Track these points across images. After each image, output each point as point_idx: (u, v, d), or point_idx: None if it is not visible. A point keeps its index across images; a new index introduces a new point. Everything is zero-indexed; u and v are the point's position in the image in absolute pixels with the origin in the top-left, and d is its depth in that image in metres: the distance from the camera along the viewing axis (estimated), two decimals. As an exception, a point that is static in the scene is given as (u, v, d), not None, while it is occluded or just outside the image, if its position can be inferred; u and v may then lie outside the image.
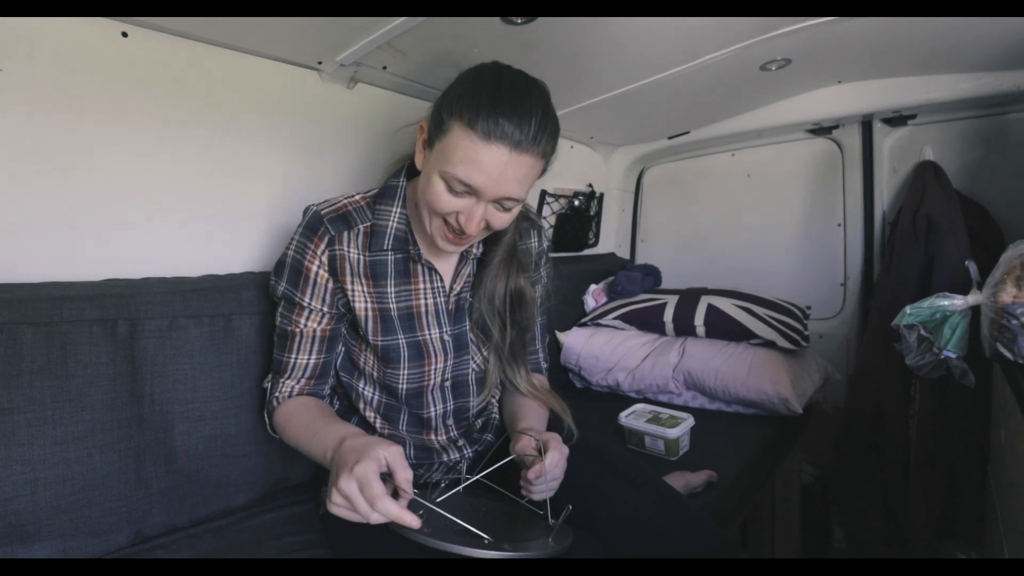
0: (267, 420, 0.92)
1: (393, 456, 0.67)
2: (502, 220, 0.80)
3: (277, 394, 0.90)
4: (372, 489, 0.63)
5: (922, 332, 0.95)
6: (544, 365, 1.09)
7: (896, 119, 1.69)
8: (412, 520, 0.63)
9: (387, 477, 0.68)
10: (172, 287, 0.96)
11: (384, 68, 1.22)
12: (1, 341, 0.77)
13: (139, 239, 1.01)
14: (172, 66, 1.00)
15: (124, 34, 0.94)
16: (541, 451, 0.81)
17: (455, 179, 0.74)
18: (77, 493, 0.83)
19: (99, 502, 0.85)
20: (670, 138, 2.05)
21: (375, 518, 0.64)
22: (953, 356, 0.93)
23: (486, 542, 0.68)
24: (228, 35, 1.03)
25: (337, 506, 0.66)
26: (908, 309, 0.97)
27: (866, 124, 1.76)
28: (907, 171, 1.70)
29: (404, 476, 0.67)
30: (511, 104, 0.71)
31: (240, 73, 1.10)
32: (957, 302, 0.93)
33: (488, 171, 0.73)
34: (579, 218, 2.10)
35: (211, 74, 1.06)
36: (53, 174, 0.90)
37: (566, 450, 0.84)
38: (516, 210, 0.81)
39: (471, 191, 0.75)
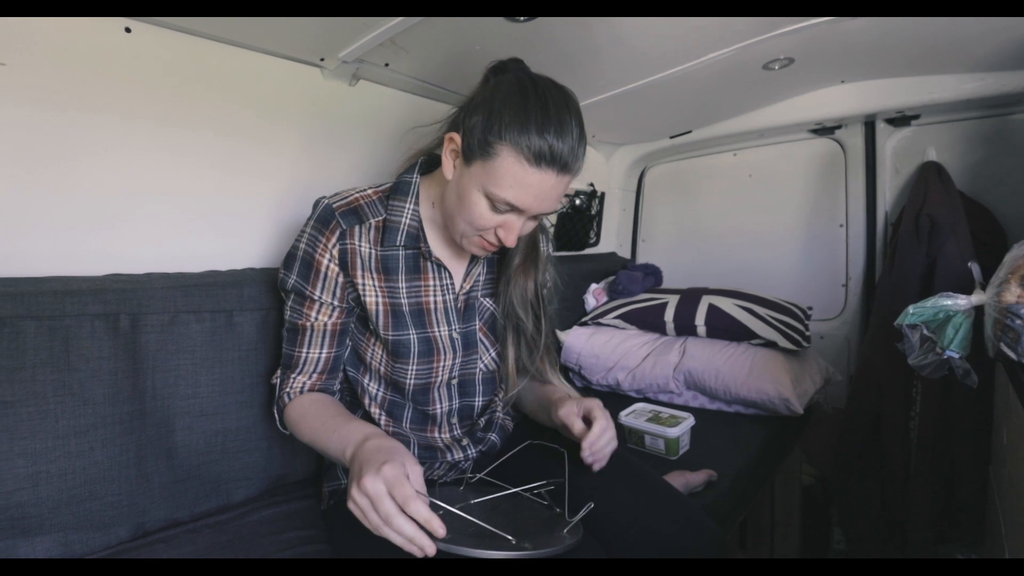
0: (277, 416, 0.91)
1: (416, 475, 0.67)
2: (530, 228, 0.84)
3: (288, 390, 0.89)
4: (404, 490, 0.62)
5: (925, 332, 0.95)
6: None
7: (899, 119, 1.69)
8: (440, 528, 0.62)
9: None
10: (174, 282, 0.96)
11: (386, 65, 1.22)
12: (4, 335, 0.77)
13: (140, 234, 1.01)
14: (174, 62, 1.01)
15: (127, 30, 0.94)
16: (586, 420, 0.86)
17: (503, 201, 0.76)
18: (79, 487, 0.83)
19: (101, 496, 0.85)
20: (672, 137, 2.04)
21: (398, 522, 0.62)
22: (956, 356, 0.92)
23: (512, 543, 0.67)
24: (230, 31, 1.03)
25: (356, 506, 0.64)
26: (911, 309, 0.96)
27: (869, 124, 1.76)
28: (910, 172, 1.70)
29: (423, 492, 0.67)
30: (557, 128, 0.72)
31: (242, 69, 1.10)
32: (961, 302, 0.92)
33: (535, 194, 0.75)
34: (580, 217, 2.10)
35: (213, 70, 1.06)
36: (56, 168, 0.90)
37: (610, 420, 0.86)
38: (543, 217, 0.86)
39: (514, 209, 0.77)
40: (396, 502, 0.62)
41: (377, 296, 0.88)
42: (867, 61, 1.45)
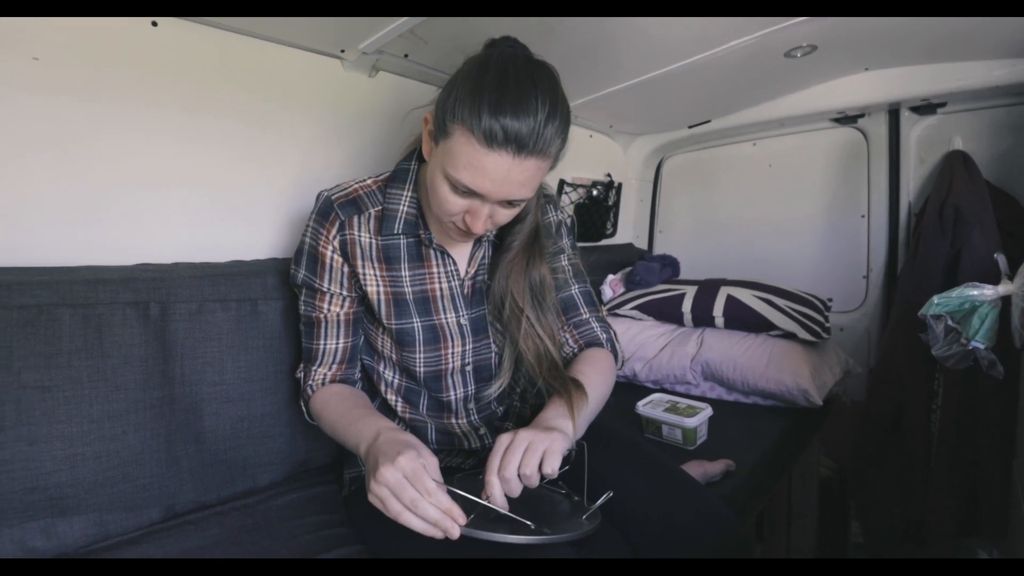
0: (304, 408, 0.93)
1: (432, 465, 0.67)
2: (507, 216, 0.80)
3: (311, 382, 0.91)
4: (424, 482, 0.63)
5: (949, 322, 0.93)
6: (603, 336, 0.99)
7: (925, 107, 1.65)
8: (461, 515, 0.63)
9: None
10: (200, 272, 0.99)
11: (405, 56, 1.23)
12: (42, 322, 0.80)
13: (167, 225, 1.04)
14: (199, 55, 1.02)
15: (154, 23, 0.96)
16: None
17: (459, 183, 0.73)
18: (113, 469, 0.86)
19: (133, 478, 0.88)
20: (690, 127, 2.03)
21: (423, 508, 0.63)
22: (981, 347, 0.91)
23: (532, 528, 0.67)
24: (253, 24, 1.05)
25: (376, 496, 0.65)
26: (936, 299, 0.95)
27: (893, 112, 1.72)
28: (935, 161, 1.66)
29: (439, 479, 0.67)
30: (513, 107, 0.68)
31: (264, 61, 1.11)
32: (987, 292, 0.91)
33: (492, 177, 0.71)
34: (597, 208, 2.10)
35: (236, 62, 1.07)
36: (84, 160, 0.93)
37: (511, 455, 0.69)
38: (523, 205, 0.81)
39: (475, 193, 0.74)
40: (417, 491, 0.63)
41: (379, 285, 0.89)
42: (892, 48, 1.42)
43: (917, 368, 1.47)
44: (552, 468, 0.69)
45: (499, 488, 0.69)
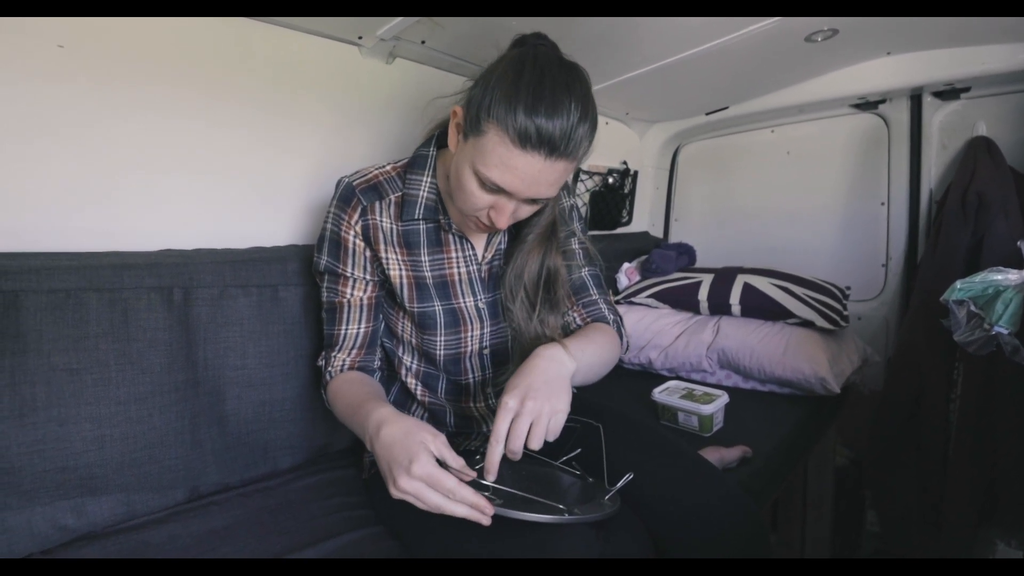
0: (324, 396, 0.94)
1: (439, 447, 0.68)
2: (529, 211, 0.82)
3: (330, 368, 0.92)
4: (446, 483, 0.64)
5: (972, 308, 0.92)
6: (610, 316, 0.99)
7: (948, 92, 1.62)
8: (488, 507, 0.64)
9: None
10: (222, 258, 1.00)
11: (423, 43, 1.23)
12: (70, 306, 0.81)
13: (188, 211, 1.05)
14: (218, 42, 1.03)
15: (175, 10, 0.97)
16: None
17: (489, 180, 0.74)
18: (140, 450, 0.88)
19: (159, 460, 0.90)
20: (708, 114, 2.00)
21: (449, 509, 0.64)
22: (1005, 332, 0.90)
23: (565, 512, 0.68)
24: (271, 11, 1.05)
25: (403, 496, 0.66)
26: (959, 284, 0.94)
27: (915, 98, 1.69)
28: (958, 147, 1.63)
29: (459, 463, 0.68)
30: (548, 111, 0.69)
31: (283, 48, 1.12)
32: (1012, 276, 0.90)
33: (522, 177, 0.73)
34: (613, 196, 2.09)
35: (255, 49, 1.08)
36: (107, 148, 0.94)
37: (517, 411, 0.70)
38: (546, 201, 0.82)
39: (503, 191, 0.75)
40: (442, 494, 0.64)
41: (400, 269, 0.90)
42: (914, 32, 1.40)
43: (936, 357, 1.45)
44: (555, 434, 0.71)
45: (499, 457, 0.69)
